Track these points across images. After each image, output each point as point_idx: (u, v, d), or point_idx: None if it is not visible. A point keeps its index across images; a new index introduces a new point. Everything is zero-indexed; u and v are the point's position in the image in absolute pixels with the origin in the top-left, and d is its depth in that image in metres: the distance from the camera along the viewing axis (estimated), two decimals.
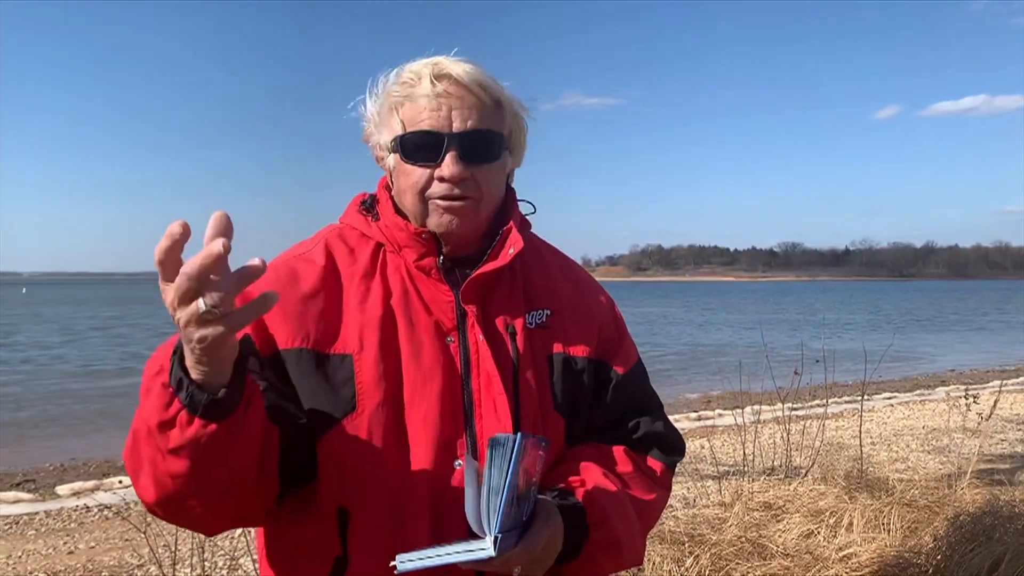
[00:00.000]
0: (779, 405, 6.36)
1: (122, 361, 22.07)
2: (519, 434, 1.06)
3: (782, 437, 6.39)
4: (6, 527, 6.49)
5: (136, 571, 5.03)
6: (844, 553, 3.77)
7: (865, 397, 13.22)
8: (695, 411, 12.24)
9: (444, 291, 1.33)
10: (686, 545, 3.84)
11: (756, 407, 6.76)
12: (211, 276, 0.91)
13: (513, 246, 1.35)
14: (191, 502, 1.13)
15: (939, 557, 3.72)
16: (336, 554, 1.24)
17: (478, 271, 1.32)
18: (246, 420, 1.08)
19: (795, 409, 8.38)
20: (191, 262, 0.90)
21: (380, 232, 1.38)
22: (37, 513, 6.91)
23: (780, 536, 4.11)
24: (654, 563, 3.71)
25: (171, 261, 0.92)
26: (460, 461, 1.25)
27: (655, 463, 1.45)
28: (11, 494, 7.75)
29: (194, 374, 1.01)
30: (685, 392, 15.36)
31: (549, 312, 1.41)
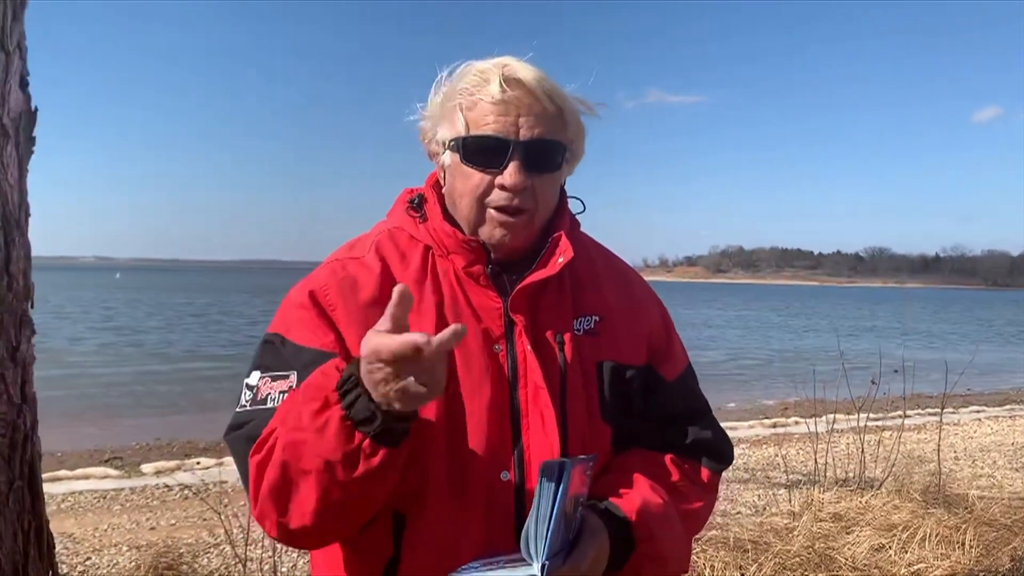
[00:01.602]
0: (857, 415, 6.18)
1: (220, 348, 22.80)
2: (567, 461, 1.06)
3: (857, 447, 6.21)
4: (95, 501, 6.80)
5: (212, 549, 5.21)
6: (914, 569, 3.66)
7: (951, 410, 12.81)
8: (770, 418, 11.98)
9: (493, 298, 1.32)
10: (750, 553, 3.79)
11: (831, 416, 6.58)
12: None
13: (563, 255, 1.32)
14: (341, 525, 1.20)
15: None
16: (388, 555, 1.25)
17: (526, 280, 1.30)
18: (407, 445, 1.14)
19: (874, 420, 8.16)
20: (398, 351, 0.98)
21: (428, 235, 1.36)
22: (123, 489, 7.21)
23: (849, 549, 4.01)
24: (716, 569, 3.67)
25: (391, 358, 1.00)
26: (507, 473, 1.25)
27: (703, 470, 1.42)
28: (100, 470, 8.12)
29: (385, 406, 1.05)
30: (762, 399, 15.04)
31: (598, 318, 1.38)
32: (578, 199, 1.46)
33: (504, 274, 1.34)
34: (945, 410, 12.26)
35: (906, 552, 3.93)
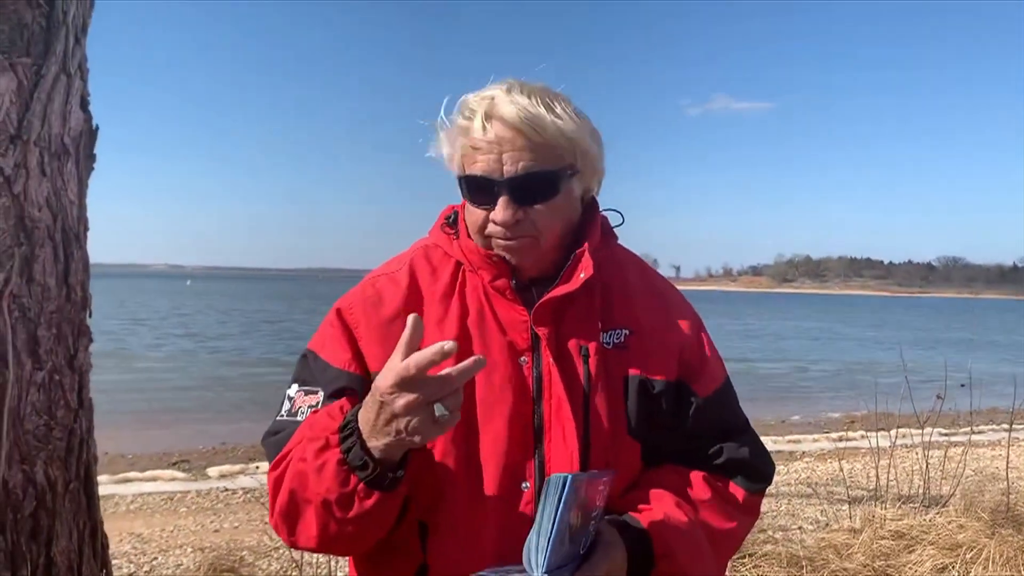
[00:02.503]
0: (926, 429, 5.99)
1: (289, 355, 23.25)
2: (571, 476, 1.06)
3: (923, 463, 6.03)
4: (162, 502, 7.01)
5: (272, 553, 5.32)
6: None
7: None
8: (836, 431, 11.71)
9: (519, 311, 1.33)
10: (805, 569, 3.71)
11: (897, 430, 6.39)
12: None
13: (584, 271, 1.32)
14: (344, 550, 1.31)
15: None
16: (419, 561, 1.29)
17: (548, 295, 1.32)
18: (405, 482, 1.20)
19: (943, 434, 7.90)
20: (420, 376, 1.06)
21: (460, 251, 1.39)
22: (189, 492, 7.41)
23: (910, 568, 3.89)
24: None
25: (421, 375, 1.06)
26: (527, 483, 1.27)
27: (737, 490, 1.39)
28: (168, 472, 8.38)
29: (378, 454, 1.13)
30: (828, 411, 14.70)
31: (628, 331, 1.37)
32: (617, 211, 1.46)
33: (534, 288, 1.35)
34: (1020, 426, 11.86)
35: (970, 573, 3.80)
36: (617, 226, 1.47)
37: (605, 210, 1.46)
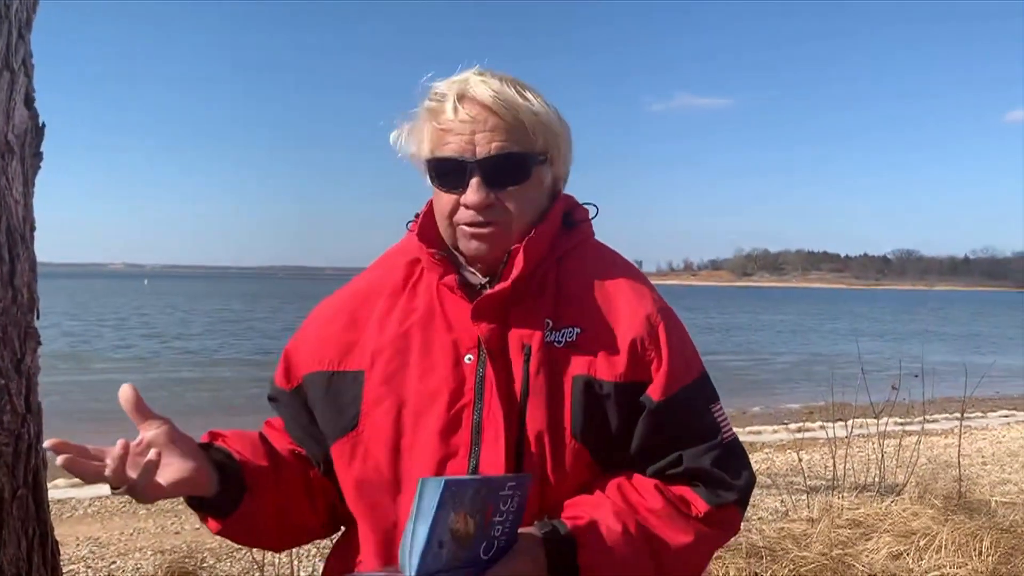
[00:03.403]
0: (883, 419, 6.10)
1: (252, 354, 22.95)
2: (445, 480, 1.02)
3: (881, 453, 6.14)
4: (121, 505, 6.87)
5: (235, 553, 5.26)
6: None
7: (980, 414, 12.64)
8: (795, 422, 11.89)
9: (466, 308, 1.29)
10: (765, 559, 3.77)
11: (854, 421, 6.51)
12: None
13: (516, 268, 1.27)
14: (277, 547, 1.46)
15: None
16: (358, 558, 1.33)
17: (484, 293, 1.28)
18: (254, 503, 1.28)
19: (899, 424, 8.06)
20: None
21: (416, 247, 1.36)
22: None
23: (867, 556, 3.97)
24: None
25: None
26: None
27: (696, 501, 1.27)
28: None
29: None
30: (787, 403, 14.93)
31: (579, 330, 1.29)
32: (593, 205, 1.44)
33: (489, 286, 1.32)
34: (974, 414, 12.15)
35: (923, 559, 3.89)
36: (592, 218, 1.43)
37: (584, 203, 1.44)
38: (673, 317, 1.35)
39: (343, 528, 1.44)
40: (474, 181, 1.25)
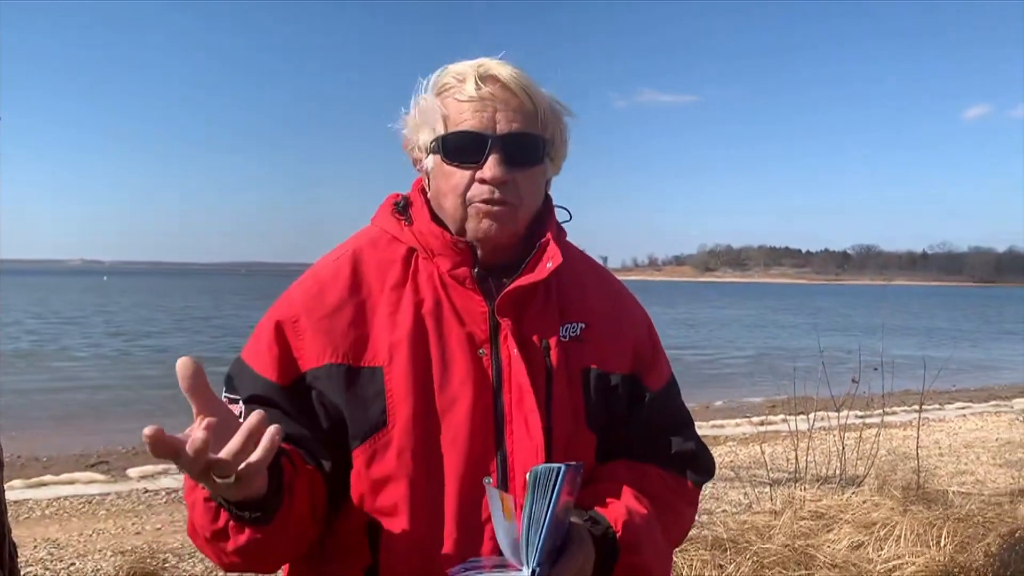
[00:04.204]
0: (843, 412, 6.21)
1: (219, 352, 22.60)
2: (563, 466, 1.05)
3: (842, 445, 6.24)
4: (80, 505, 6.78)
5: (196, 554, 5.20)
6: (890, 566, 3.69)
7: (937, 406, 12.90)
8: (758, 416, 12.03)
9: (478, 302, 1.30)
10: (729, 551, 3.81)
11: (815, 414, 6.61)
12: (210, 452, 0.95)
13: (552, 260, 1.31)
14: (260, 568, 1.22)
15: (989, 575, 3.61)
16: (367, 563, 1.25)
17: (514, 284, 1.29)
18: (292, 507, 1.14)
19: (860, 417, 8.21)
20: (188, 453, 0.93)
21: (414, 237, 1.35)
22: (108, 494, 7.17)
23: (828, 547, 4.04)
24: (695, 568, 3.69)
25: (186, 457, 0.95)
26: (489, 477, 1.24)
27: (686, 482, 1.42)
28: (86, 474, 8.08)
29: (230, 497, 1.05)
30: (749, 396, 15.09)
31: (584, 325, 1.36)
32: (565, 208, 1.45)
33: (490, 278, 1.32)
34: (931, 407, 12.40)
35: (883, 549, 3.97)
36: (564, 222, 1.46)
37: (559, 206, 1.45)
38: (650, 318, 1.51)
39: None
40: (493, 157, 1.26)
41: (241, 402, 1.27)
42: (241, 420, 1.31)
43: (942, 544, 3.95)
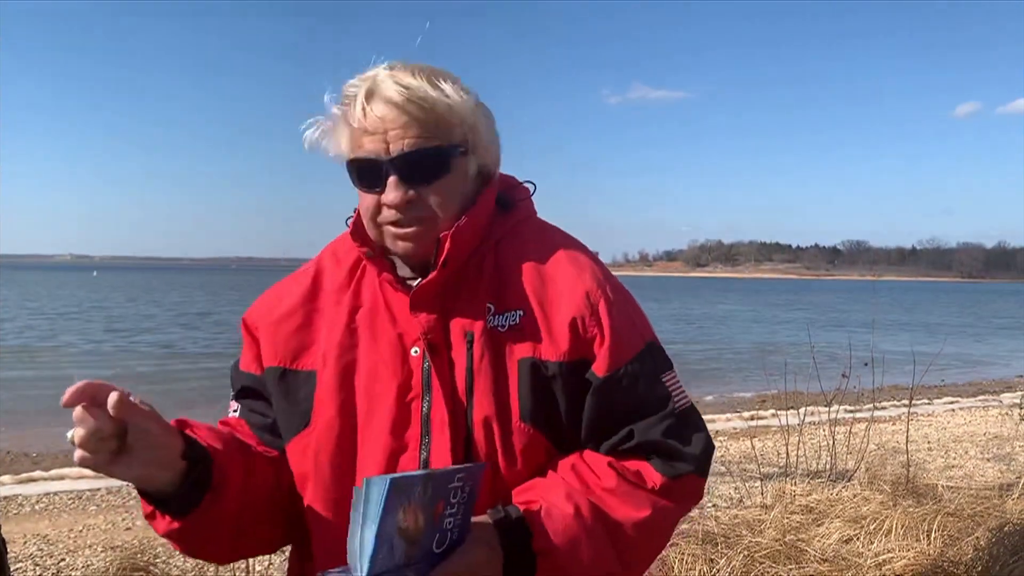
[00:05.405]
0: (833, 407, 6.24)
1: (213, 348, 22.50)
2: (390, 478, 1.00)
3: (832, 440, 6.27)
4: (70, 501, 6.77)
5: None
6: (880, 560, 3.71)
7: (926, 401, 12.97)
8: (748, 411, 12.08)
9: (407, 302, 1.28)
10: (720, 546, 3.82)
11: (806, 408, 6.63)
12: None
13: (445, 255, 1.26)
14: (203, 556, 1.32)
15: (979, 568, 3.63)
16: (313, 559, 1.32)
17: (418, 285, 1.28)
18: (217, 502, 1.20)
19: (849, 411, 8.24)
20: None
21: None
22: (99, 489, 7.16)
23: (819, 541, 4.05)
24: (685, 563, 3.70)
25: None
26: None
27: (652, 474, 1.26)
28: (76, 470, 8.03)
29: (137, 485, 1.14)
30: (740, 391, 15.15)
31: (522, 312, 1.28)
32: (530, 182, 1.42)
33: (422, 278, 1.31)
34: (920, 401, 12.46)
35: (873, 543, 3.98)
36: (531, 195, 1.41)
37: (525, 181, 1.43)
38: (617, 289, 1.33)
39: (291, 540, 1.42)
40: (391, 180, 1.23)
41: (232, 398, 1.40)
42: (232, 415, 1.40)
43: (932, 538, 3.96)
